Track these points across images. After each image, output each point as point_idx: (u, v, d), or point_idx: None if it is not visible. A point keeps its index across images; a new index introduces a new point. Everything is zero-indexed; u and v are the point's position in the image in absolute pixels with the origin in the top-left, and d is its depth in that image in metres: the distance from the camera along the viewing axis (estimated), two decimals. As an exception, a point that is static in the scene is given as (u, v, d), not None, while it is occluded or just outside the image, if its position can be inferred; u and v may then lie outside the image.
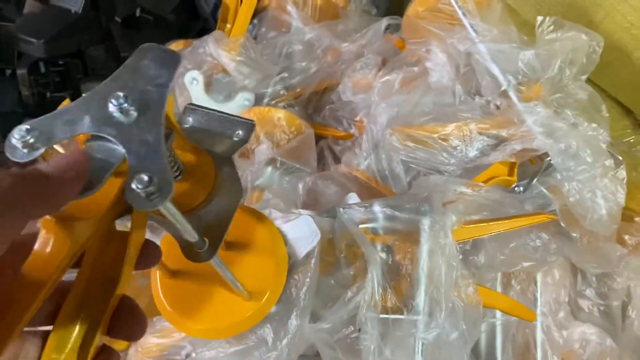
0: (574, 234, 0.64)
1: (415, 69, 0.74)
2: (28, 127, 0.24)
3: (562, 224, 0.64)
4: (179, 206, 0.28)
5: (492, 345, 0.74)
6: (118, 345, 0.62)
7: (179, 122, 0.38)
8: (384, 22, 0.84)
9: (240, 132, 0.37)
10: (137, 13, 1.09)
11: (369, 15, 0.98)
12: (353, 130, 0.79)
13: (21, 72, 0.96)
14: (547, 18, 0.66)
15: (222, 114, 0.38)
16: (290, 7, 0.90)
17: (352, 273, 0.54)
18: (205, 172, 0.35)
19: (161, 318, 0.54)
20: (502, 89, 0.60)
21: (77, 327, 0.26)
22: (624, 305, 0.79)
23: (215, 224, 0.34)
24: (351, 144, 0.76)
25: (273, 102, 0.85)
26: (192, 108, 0.38)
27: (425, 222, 0.55)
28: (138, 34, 1.06)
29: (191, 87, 0.79)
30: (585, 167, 0.57)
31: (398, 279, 0.56)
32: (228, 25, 0.88)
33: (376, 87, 0.71)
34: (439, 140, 0.60)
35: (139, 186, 0.23)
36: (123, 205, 0.29)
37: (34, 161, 0.24)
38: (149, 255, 0.31)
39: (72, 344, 0.26)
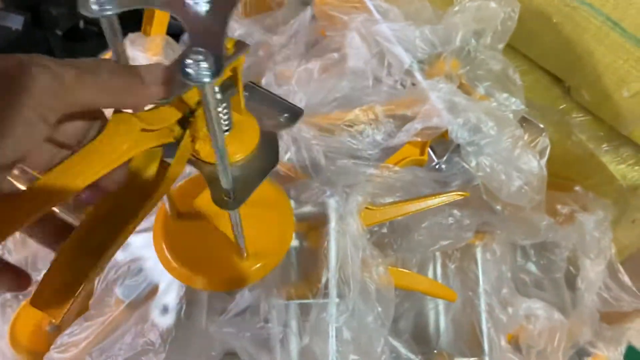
0: (497, 207, 0.63)
1: (335, 55, 0.73)
2: None
3: (484, 197, 0.63)
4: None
5: (438, 328, 0.73)
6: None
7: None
8: (309, 11, 0.83)
9: (287, 115, 0.41)
10: (81, 25, 1.10)
11: (307, 6, 0.98)
12: (284, 122, 0.79)
13: None
14: (463, -15, 0.65)
15: (276, 96, 0.42)
16: (219, 5, 0.89)
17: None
18: (251, 136, 0.38)
19: (64, 334, 0.53)
20: (406, 67, 0.60)
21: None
22: (572, 277, 0.77)
23: (248, 181, 0.37)
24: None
25: (208, 101, 0.85)
26: (252, 86, 0.41)
27: (331, 203, 0.55)
28: (81, 46, 1.07)
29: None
30: (490, 139, 0.56)
31: (308, 264, 0.56)
32: (152, 29, 0.88)
33: (294, 77, 0.71)
34: (345, 127, 0.60)
35: (193, 58, 0.23)
36: (175, 134, 0.32)
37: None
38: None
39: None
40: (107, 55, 0.89)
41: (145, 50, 0.71)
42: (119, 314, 0.48)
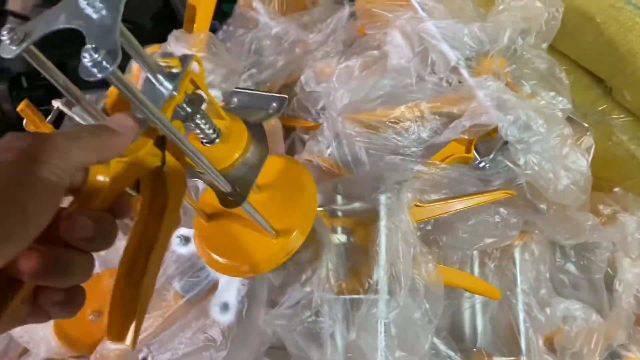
0: (542, 206, 0.63)
1: (376, 52, 0.73)
2: (10, 26, 0.28)
3: (529, 197, 0.63)
4: (216, 163, 0.37)
5: (474, 326, 0.73)
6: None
7: (227, 102, 0.47)
8: (347, 9, 0.83)
9: (274, 104, 0.46)
10: (115, 23, 1.11)
11: (342, 5, 0.98)
12: (321, 119, 0.79)
13: (1, 87, 0.99)
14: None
15: (260, 93, 0.47)
16: (256, 3, 0.90)
17: (307, 256, 0.54)
18: (239, 136, 0.41)
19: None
20: (452, 65, 0.60)
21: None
22: (609, 279, 0.77)
23: (246, 176, 0.41)
24: (318, 132, 0.76)
25: (244, 98, 0.85)
26: (236, 91, 0.47)
27: (382, 199, 0.55)
28: (116, 43, 1.08)
29: (161, 88, 0.80)
30: (540, 137, 0.56)
31: (357, 260, 0.56)
32: (195, 26, 0.89)
33: (335, 74, 0.71)
34: (390, 124, 0.60)
35: (86, 56, 0.25)
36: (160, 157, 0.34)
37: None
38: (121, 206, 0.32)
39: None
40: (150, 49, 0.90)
41: (190, 47, 0.72)
42: (178, 309, 0.49)
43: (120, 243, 0.32)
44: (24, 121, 0.77)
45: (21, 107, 0.71)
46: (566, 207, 0.62)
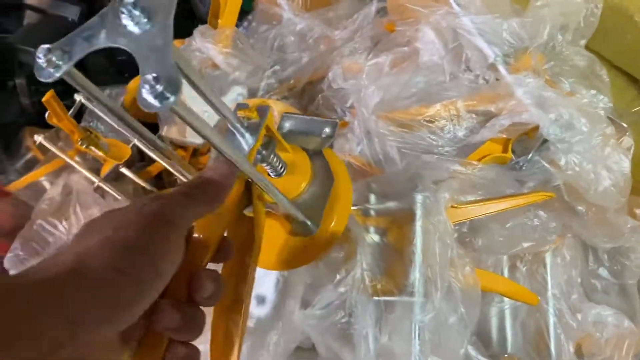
0: (580, 208, 0.61)
1: (406, 49, 0.72)
2: (49, 46, 0.26)
3: (567, 199, 0.61)
4: (287, 194, 0.38)
5: (503, 331, 0.71)
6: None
7: (278, 128, 0.47)
8: (374, 5, 0.82)
9: (327, 129, 0.46)
10: (133, 18, 1.10)
11: (364, 1, 0.96)
12: (348, 118, 0.78)
13: (20, 81, 0.98)
14: (544, -20, 0.63)
15: (311, 118, 0.47)
16: (280, -1, 0.89)
17: (341, 256, 0.52)
18: (304, 166, 0.43)
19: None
20: (490, 61, 0.58)
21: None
22: (640, 284, 0.74)
23: (315, 203, 0.43)
24: (345, 130, 0.74)
25: (267, 95, 0.84)
26: (287, 116, 0.47)
27: (419, 198, 0.53)
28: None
29: (184, 84, 0.78)
30: (582, 137, 0.54)
31: (392, 261, 0.54)
32: (219, 21, 0.88)
33: (365, 71, 0.69)
34: (425, 123, 0.58)
35: (146, 87, 0.22)
36: (247, 200, 0.36)
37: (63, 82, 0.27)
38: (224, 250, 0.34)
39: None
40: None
41: (216, 43, 0.71)
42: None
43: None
44: (47, 114, 0.76)
45: (46, 97, 0.70)
46: (604, 210, 0.60)
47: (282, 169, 0.42)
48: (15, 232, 0.81)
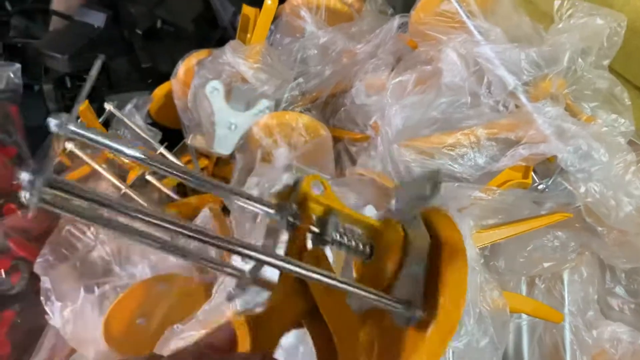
0: (600, 229, 0.62)
1: (429, 67, 0.73)
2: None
3: (587, 219, 0.62)
4: (377, 282, 0.31)
5: (519, 347, 0.72)
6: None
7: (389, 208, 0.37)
8: (396, 20, 0.83)
9: (429, 185, 0.34)
10: (158, 25, 1.12)
11: (385, 15, 0.98)
12: (369, 131, 0.79)
13: (47, 87, 1.00)
14: (565, 1, 0.63)
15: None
16: (303, 12, 0.90)
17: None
18: (394, 238, 0.33)
19: (179, 337, 0.55)
20: (510, 89, 0.59)
21: None
22: (657, 305, 0.75)
23: (413, 285, 0.32)
24: (367, 145, 0.76)
25: (290, 107, 0.85)
26: (398, 190, 0.38)
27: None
28: (159, 45, 1.09)
29: (212, 96, 0.80)
30: (601, 166, 0.54)
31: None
32: (248, 35, 0.89)
33: (389, 89, 0.71)
34: (446, 151, 0.59)
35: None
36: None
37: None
38: None
39: None
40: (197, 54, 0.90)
41: (246, 58, 0.72)
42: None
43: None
44: (79, 120, 0.79)
45: (82, 108, 0.72)
46: (626, 232, 0.61)
47: (370, 250, 0.33)
48: (43, 237, 0.83)
